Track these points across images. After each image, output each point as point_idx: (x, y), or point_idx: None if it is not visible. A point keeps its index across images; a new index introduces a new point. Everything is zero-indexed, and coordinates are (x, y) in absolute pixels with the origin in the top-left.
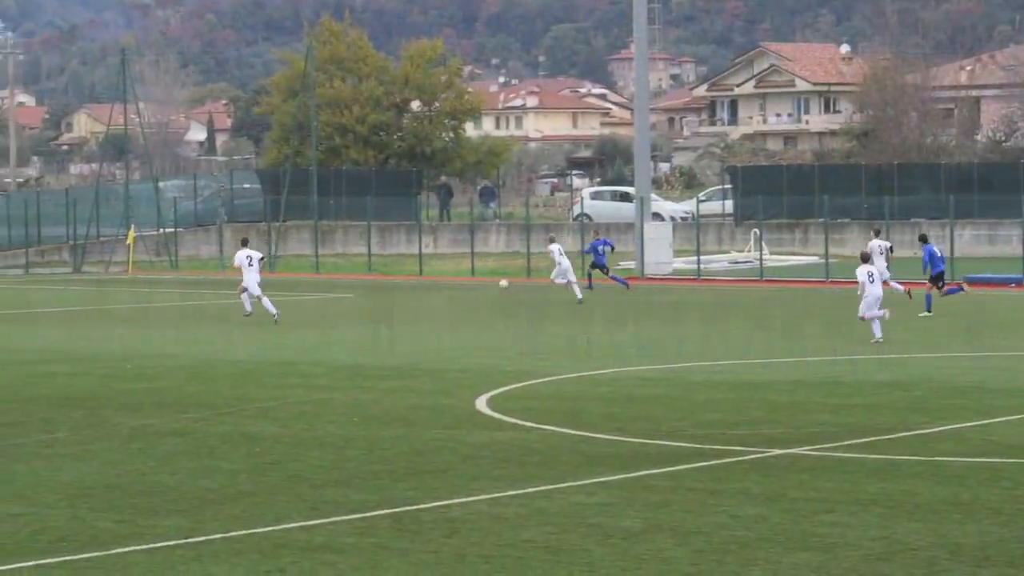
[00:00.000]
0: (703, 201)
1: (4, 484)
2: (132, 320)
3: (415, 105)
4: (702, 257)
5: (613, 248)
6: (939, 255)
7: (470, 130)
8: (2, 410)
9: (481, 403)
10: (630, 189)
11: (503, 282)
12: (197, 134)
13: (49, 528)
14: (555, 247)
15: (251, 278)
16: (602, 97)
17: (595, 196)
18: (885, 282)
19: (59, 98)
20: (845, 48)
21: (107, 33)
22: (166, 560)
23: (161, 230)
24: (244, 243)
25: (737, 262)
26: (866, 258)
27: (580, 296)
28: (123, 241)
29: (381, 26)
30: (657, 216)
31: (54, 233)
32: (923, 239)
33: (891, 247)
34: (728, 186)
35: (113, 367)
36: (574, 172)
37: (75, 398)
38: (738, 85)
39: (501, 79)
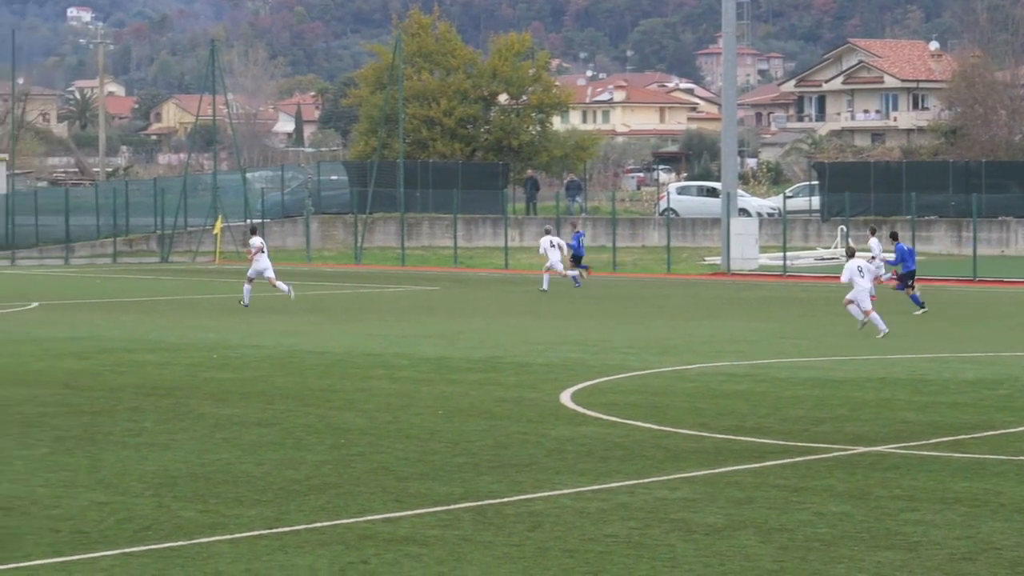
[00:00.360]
0: (790, 197)
1: (91, 472)
2: (219, 310)
3: (503, 98)
4: (788, 253)
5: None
6: (911, 254)
7: (557, 124)
8: (90, 398)
9: (565, 397)
10: (717, 184)
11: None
12: (285, 125)
13: (135, 517)
14: (545, 239)
15: (263, 264)
16: (689, 92)
17: (681, 191)
18: (879, 278)
19: (148, 88)
20: (934, 45)
21: (196, 24)
22: (250, 550)
23: (248, 221)
24: (254, 231)
25: (823, 258)
26: (852, 253)
27: (546, 287)
28: (210, 231)
29: (469, 19)
30: (743, 212)
31: (142, 223)
32: (894, 237)
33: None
34: (815, 182)
35: (200, 357)
36: (660, 167)
37: (162, 387)
38: (826, 81)
39: (589, 73)
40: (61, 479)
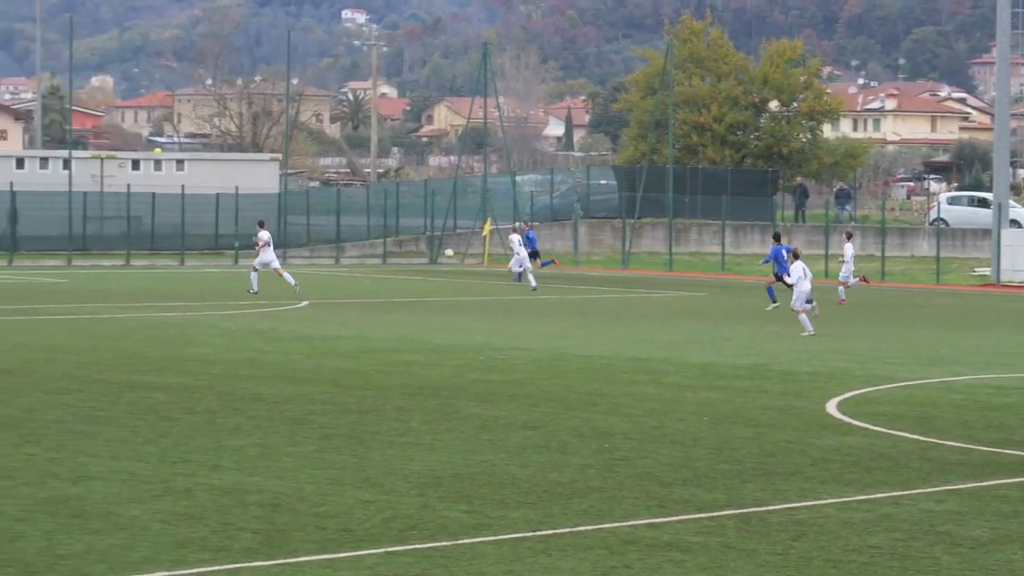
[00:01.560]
0: None
1: (357, 471)
2: (486, 312)
3: (773, 105)
4: None
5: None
6: (785, 258)
7: (827, 131)
8: (358, 397)
9: (831, 406)
10: (988, 195)
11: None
12: (555, 129)
13: (399, 516)
14: (515, 237)
15: (269, 255)
16: (962, 101)
17: (952, 201)
18: (843, 282)
19: (420, 90)
20: None
21: (469, 27)
22: (514, 552)
23: (517, 224)
24: (261, 225)
25: None
26: (798, 255)
27: (535, 284)
28: (479, 233)
29: (741, 25)
30: (1015, 223)
31: (412, 224)
32: (776, 238)
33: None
34: None
35: (467, 358)
36: (931, 176)
37: (428, 388)
38: None
39: (860, 81)
40: (328, 476)
